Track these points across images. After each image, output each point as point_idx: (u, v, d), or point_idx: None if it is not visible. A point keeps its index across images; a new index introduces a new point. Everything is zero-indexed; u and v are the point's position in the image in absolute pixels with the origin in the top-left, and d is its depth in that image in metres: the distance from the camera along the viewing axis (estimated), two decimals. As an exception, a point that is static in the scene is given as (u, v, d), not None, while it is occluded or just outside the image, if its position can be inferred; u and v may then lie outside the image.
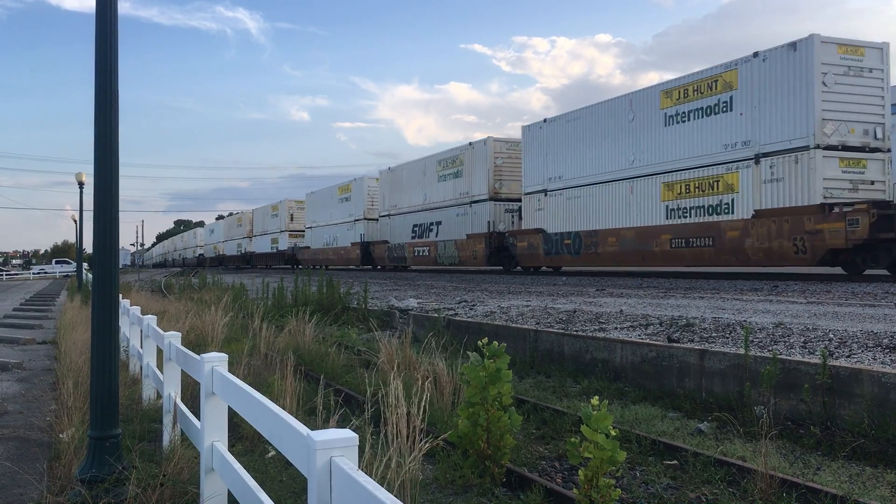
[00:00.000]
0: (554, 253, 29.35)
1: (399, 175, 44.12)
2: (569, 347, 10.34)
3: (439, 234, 38.39)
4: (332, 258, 53.01)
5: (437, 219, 38.78)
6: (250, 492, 3.61)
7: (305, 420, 6.47)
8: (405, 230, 42.34)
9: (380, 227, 46.48)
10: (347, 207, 51.20)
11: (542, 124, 30.87)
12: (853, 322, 9.72)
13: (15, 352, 13.71)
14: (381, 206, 46.36)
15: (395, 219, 43.94)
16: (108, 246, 5.30)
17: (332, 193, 54.53)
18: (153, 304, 19.87)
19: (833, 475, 5.64)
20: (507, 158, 34.39)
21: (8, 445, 6.79)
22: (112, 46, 5.31)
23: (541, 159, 30.74)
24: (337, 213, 52.70)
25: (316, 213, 57.47)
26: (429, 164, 40.38)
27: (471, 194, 35.43)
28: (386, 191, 45.53)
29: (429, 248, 39.24)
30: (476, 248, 34.42)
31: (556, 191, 29.66)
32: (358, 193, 49.80)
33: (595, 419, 4.59)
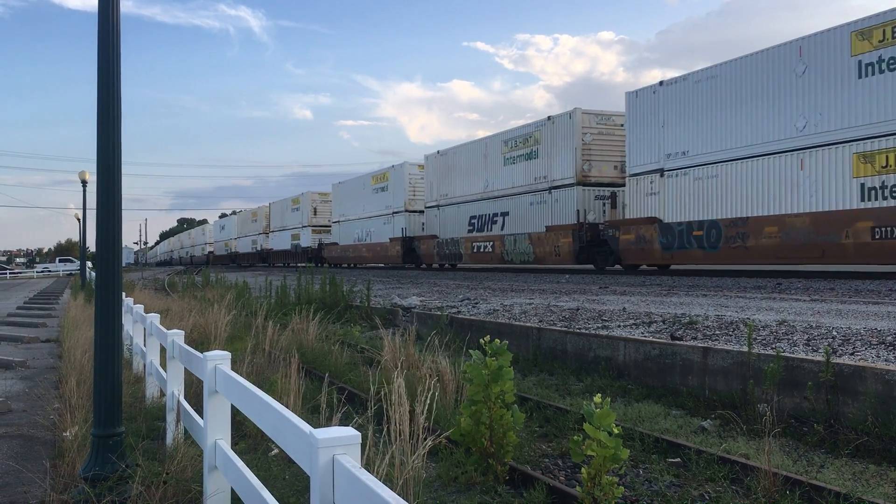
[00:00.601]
0: (676, 247, 23.24)
1: (451, 159, 38.19)
2: (572, 345, 10.33)
3: (506, 227, 32.53)
4: (365, 255, 47.68)
5: (504, 209, 32.80)
6: (253, 490, 3.62)
7: (308, 418, 6.48)
8: (459, 223, 36.68)
9: (426, 219, 40.73)
10: (384, 198, 45.17)
11: (657, 88, 24.57)
12: (857, 319, 9.70)
13: (19, 350, 13.74)
14: (428, 195, 40.36)
15: (447, 210, 38.12)
16: (111, 244, 5.31)
17: (364, 183, 48.53)
18: (156, 302, 19.91)
19: (836, 473, 5.63)
20: (597, 135, 28.34)
21: (12, 443, 6.81)
22: (114, 45, 5.31)
23: (654, 132, 24.45)
24: (371, 205, 46.72)
25: (344, 205, 51.61)
26: (492, 144, 34.23)
27: (550, 179, 29.55)
28: (433, 178, 39.61)
29: (492, 243, 33.40)
30: (560, 243, 28.39)
31: (679, 170, 23.48)
32: (397, 182, 43.59)
33: (598, 417, 4.59)
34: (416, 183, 42.68)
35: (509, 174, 32.74)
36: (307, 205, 58.66)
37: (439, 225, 39.01)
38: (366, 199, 47.74)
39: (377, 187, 46.39)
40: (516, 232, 31.86)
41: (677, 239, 23.29)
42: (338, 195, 53.63)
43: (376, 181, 46.67)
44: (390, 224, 44.07)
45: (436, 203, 39.67)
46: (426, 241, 39.86)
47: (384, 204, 45.10)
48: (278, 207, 66.84)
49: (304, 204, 59.47)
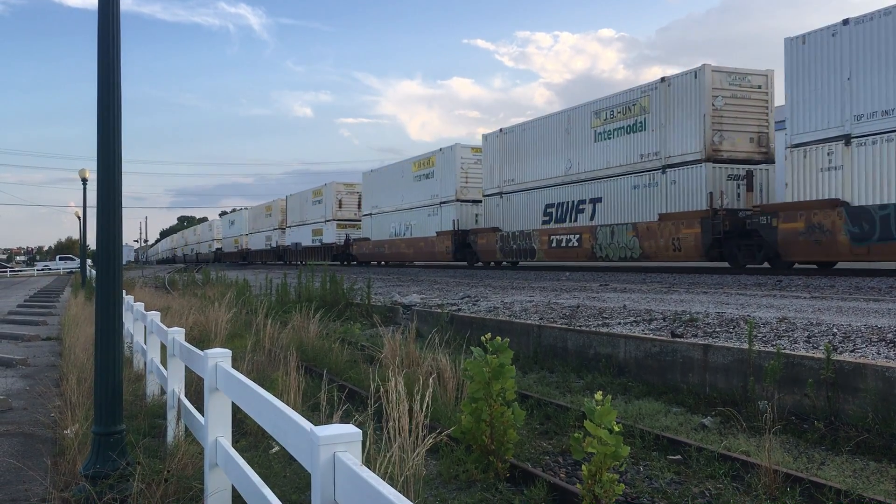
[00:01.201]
0: (877, 238, 17.59)
1: (519, 138, 32.38)
2: (572, 342, 10.33)
3: (597, 217, 27.12)
4: (404, 252, 42.68)
5: (594, 194, 27.50)
6: (254, 487, 3.62)
7: (309, 416, 6.48)
8: (530, 213, 31.32)
9: (484, 209, 35.38)
10: (428, 187, 39.96)
11: (839, 28, 18.90)
12: (857, 317, 9.70)
13: (19, 348, 13.75)
14: (487, 181, 35.10)
15: (513, 198, 32.62)
16: (112, 242, 5.31)
17: (403, 171, 43.38)
18: (157, 300, 19.91)
19: (837, 470, 5.63)
20: (730, 98, 23.05)
21: (13, 441, 6.81)
22: (114, 43, 5.30)
23: (833, 87, 18.98)
24: (412, 194, 41.59)
25: (378, 196, 46.53)
26: (577, 117, 28.58)
27: (664, 155, 24.39)
28: (495, 161, 34.26)
29: (578, 236, 27.82)
30: (681, 235, 23.20)
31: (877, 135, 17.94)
32: (446, 168, 38.32)
33: (599, 414, 4.59)
34: (470, 168, 37.41)
35: (602, 152, 27.04)
36: (331, 197, 53.49)
37: (502, 215, 33.29)
38: (405, 189, 42.42)
39: (420, 174, 40.92)
40: (613, 222, 26.25)
41: (879, 228, 17.50)
42: (370, 185, 48.41)
43: (419, 167, 41.14)
44: (437, 216, 38.85)
45: (497, 190, 34.05)
46: (486, 235, 34.22)
47: (429, 193, 39.73)
48: (297, 200, 61.80)
49: (327, 196, 54.12)
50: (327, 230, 54.05)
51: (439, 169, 39.19)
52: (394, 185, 44.66)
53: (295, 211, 62.19)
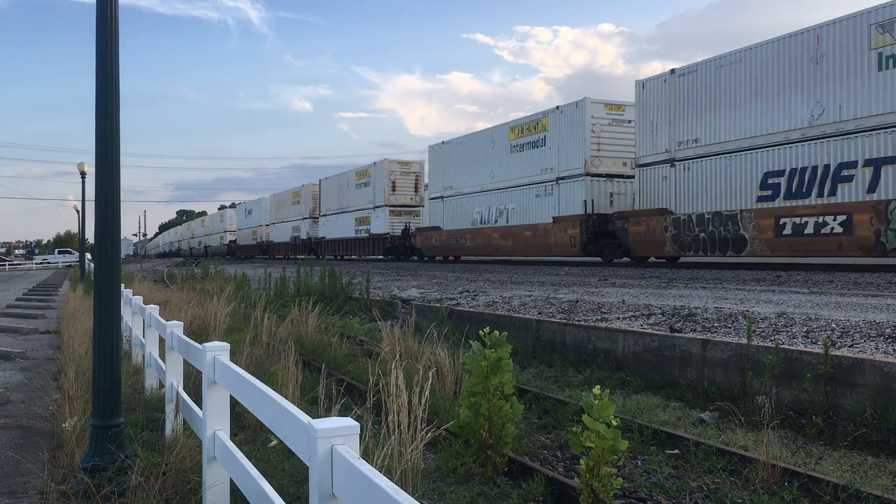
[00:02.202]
0: None
1: (700, 81, 23.19)
2: (571, 337, 10.34)
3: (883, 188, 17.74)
4: (498, 244, 33.05)
5: (868, 153, 18.15)
6: (252, 480, 3.62)
7: (307, 409, 6.49)
8: (736, 185, 21.75)
9: (638, 185, 25.52)
10: (537, 159, 30.71)
11: None
12: (856, 312, 9.70)
13: (18, 341, 13.74)
14: (641, 146, 25.27)
15: (699, 167, 23.03)
16: (110, 236, 5.31)
17: (492, 140, 34.05)
18: (156, 293, 19.91)
19: (835, 464, 5.64)
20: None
21: (11, 434, 6.81)
22: (113, 36, 5.29)
23: None
24: (508, 169, 32.71)
25: (454, 174, 37.53)
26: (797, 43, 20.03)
27: None
28: (660, 116, 24.46)
29: (844, 217, 18.61)
30: None
31: None
32: (566, 132, 28.85)
33: (597, 409, 4.59)
34: (604, 131, 28.11)
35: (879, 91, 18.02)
36: (382, 178, 44.53)
37: (673, 192, 23.77)
38: (497, 163, 33.59)
39: (522, 143, 31.88)
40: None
41: None
42: (440, 161, 39.16)
43: (520, 133, 32.11)
44: (551, 196, 29.69)
45: (665, 156, 24.24)
46: (645, 220, 24.88)
47: (537, 167, 30.64)
48: (334, 184, 53.17)
49: (377, 177, 45.37)
50: (377, 218, 44.97)
51: (556, 134, 29.51)
52: (478, 159, 35.34)
53: (331, 196, 53.16)
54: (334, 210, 52.67)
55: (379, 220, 45.11)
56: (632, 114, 27.02)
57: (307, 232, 57.91)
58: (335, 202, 52.82)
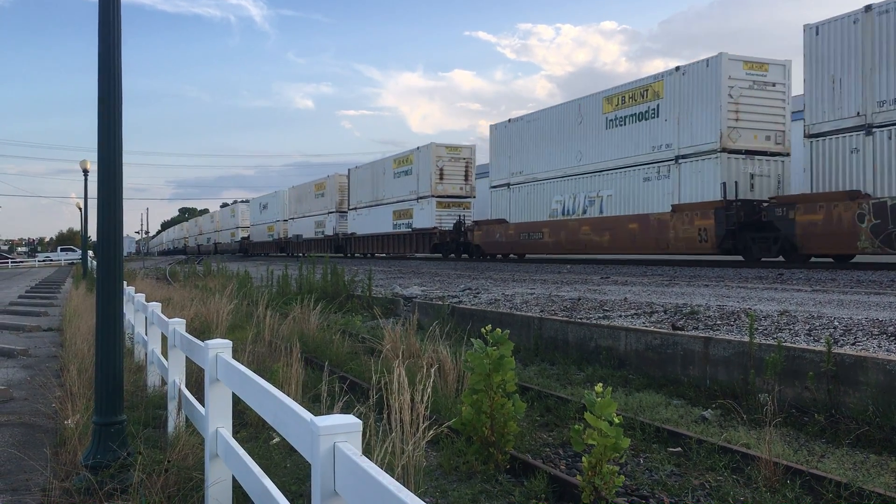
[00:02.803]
0: None
1: None
2: (573, 335, 10.33)
3: None
4: (590, 239, 26.98)
5: None
6: (254, 477, 3.62)
7: (310, 407, 6.49)
8: None
9: (813, 160, 19.66)
10: (643, 135, 24.91)
11: None
12: (858, 310, 9.69)
13: (20, 339, 13.76)
14: (822, 108, 19.44)
15: None
16: (112, 233, 5.31)
17: (576, 114, 28.12)
18: (158, 291, 19.92)
19: (837, 462, 5.64)
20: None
21: (14, 431, 6.82)
22: (115, 34, 5.29)
23: None
24: (603, 149, 26.65)
25: (519, 158, 31.61)
26: None
27: None
28: (848, 70, 18.85)
29: None
30: None
31: None
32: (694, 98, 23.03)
33: (599, 406, 4.59)
34: (743, 97, 22.19)
35: None
36: (427, 165, 38.89)
37: (870, 169, 18.22)
38: (588, 141, 27.38)
39: (624, 115, 25.83)
40: None
41: None
42: (505, 143, 32.74)
43: (620, 105, 25.97)
44: (668, 179, 23.73)
45: (858, 120, 18.59)
46: (826, 207, 18.97)
47: (649, 143, 24.63)
48: (366, 174, 47.58)
49: (420, 164, 39.68)
50: (421, 211, 39.38)
51: (674, 101, 23.73)
52: (558, 137, 29.15)
53: (363, 187, 47.75)
54: (367, 202, 46.86)
55: (424, 213, 39.03)
56: (776, 75, 22.45)
57: (333, 227, 52.47)
58: (368, 194, 46.84)
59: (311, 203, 57.76)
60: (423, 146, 39.83)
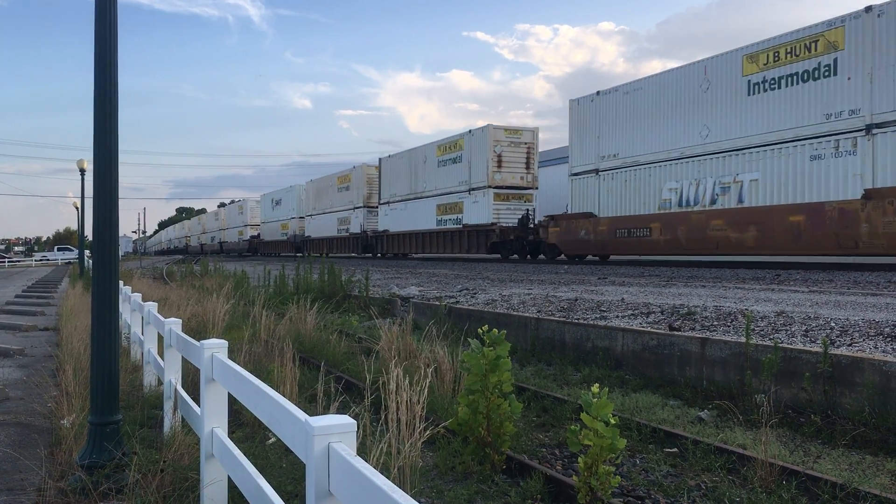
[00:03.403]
0: None
1: None
2: (570, 335, 10.33)
3: None
4: (729, 238, 21.32)
5: None
6: (250, 477, 3.61)
7: (306, 407, 6.49)
8: None
9: None
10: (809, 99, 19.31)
11: None
12: (855, 311, 9.70)
13: (17, 338, 13.73)
14: None
15: None
16: (108, 233, 5.30)
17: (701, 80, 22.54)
18: (155, 291, 19.89)
19: (833, 463, 5.64)
20: None
21: (9, 431, 6.81)
22: (111, 33, 5.28)
23: None
24: (737, 121, 21.29)
25: (612, 138, 26.25)
26: None
27: None
28: None
29: None
30: None
31: None
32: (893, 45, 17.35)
33: (595, 407, 4.59)
34: None
35: None
36: (482, 150, 33.10)
37: None
38: (718, 111, 21.79)
39: (776, 77, 20.23)
40: None
41: None
42: (592, 121, 27.28)
43: (770, 63, 20.35)
44: (854, 157, 18.23)
45: None
46: None
47: (819, 111, 19.10)
48: (401, 163, 41.75)
49: (473, 150, 33.93)
50: (474, 205, 33.82)
51: (858, 50, 18.16)
52: (671, 111, 23.71)
53: (397, 179, 41.99)
54: (402, 196, 41.09)
55: (477, 208, 33.54)
56: None
57: (361, 224, 46.85)
58: (404, 186, 41.09)
59: (333, 197, 50.89)
60: (477, 129, 33.98)
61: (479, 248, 33.84)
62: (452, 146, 36.03)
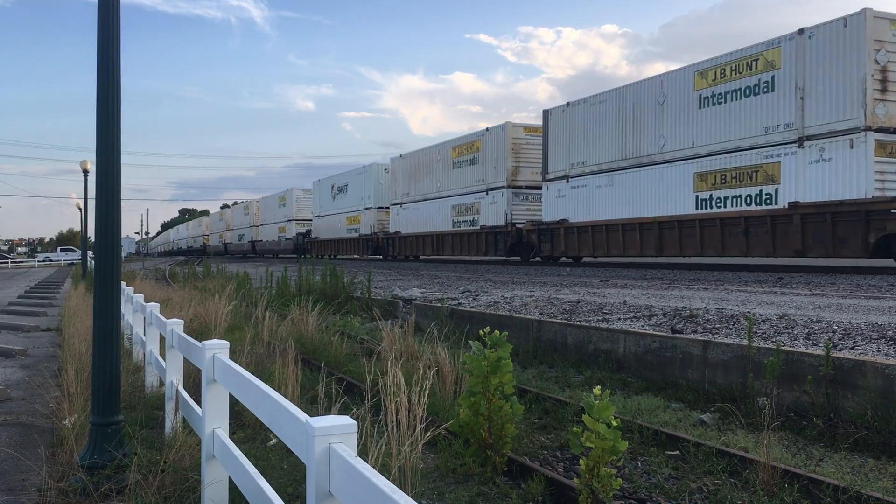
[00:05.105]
0: None
1: None
2: (572, 337, 10.32)
3: None
4: None
5: None
6: (250, 479, 3.61)
7: (307, 408, 6.48)
8: None
9: None
10: None
11: None
12: (857, 314, 9.68)
13: (19, 339, 13.75)
14: None
15: None
16: (110, 234, 5.31)
17: None
18: (157, 292, 19.91)
19: (835, 466, 5.62)
20: None
21: (11, 431, 6.81)
22: (114, 34, 5.29)
23: None
24: None
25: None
26: None
27: None
28: None
29: None
30: None
31: None
32: None
33: (597, 409, 4.58)
34: None
35: None
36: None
37: None
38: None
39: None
40: None
41: None
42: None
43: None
44: None
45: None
46: None
47: None
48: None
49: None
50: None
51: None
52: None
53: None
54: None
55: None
56: None
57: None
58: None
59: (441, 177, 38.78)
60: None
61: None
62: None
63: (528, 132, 31.80)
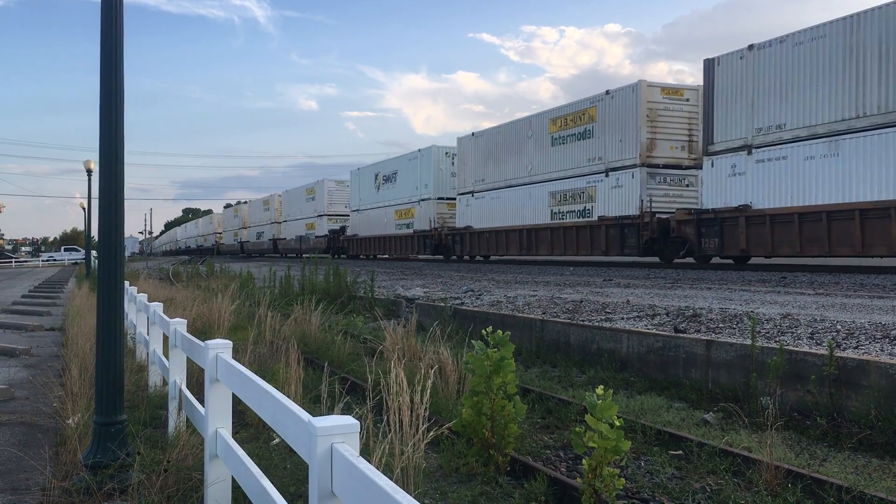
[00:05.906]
0: None
1: None
2: (575, 337, 10.31)
3: None
4: None
5: None
6: (253, 478, 3.61)
7: (310, 408, 6.48)
8: None
9: None
10: None
11: None
12: (861, 313, 9.66)
13: (23, 338, 13.78)
14: None
15: None
16: (114, 233, 5.31)
17: None
18: (161, 291, 19.94)
19: (839, 466, 5.61)
20: None
21: (15, 431, 6.83)
22: (118, 34, 5.29)
23: None
24: None
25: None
26: None
27: None
28: None
29: None
30: None
31: None
32: None
33: (600, 409, 4.57)
34: None
35: None
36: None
37: None
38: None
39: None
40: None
41: None
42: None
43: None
44: None
45: None
46: None
47: None
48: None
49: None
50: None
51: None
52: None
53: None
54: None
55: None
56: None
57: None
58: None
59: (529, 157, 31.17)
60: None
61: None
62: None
63: (666, 94, 25.19)
